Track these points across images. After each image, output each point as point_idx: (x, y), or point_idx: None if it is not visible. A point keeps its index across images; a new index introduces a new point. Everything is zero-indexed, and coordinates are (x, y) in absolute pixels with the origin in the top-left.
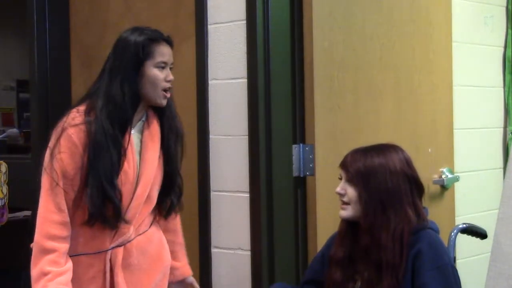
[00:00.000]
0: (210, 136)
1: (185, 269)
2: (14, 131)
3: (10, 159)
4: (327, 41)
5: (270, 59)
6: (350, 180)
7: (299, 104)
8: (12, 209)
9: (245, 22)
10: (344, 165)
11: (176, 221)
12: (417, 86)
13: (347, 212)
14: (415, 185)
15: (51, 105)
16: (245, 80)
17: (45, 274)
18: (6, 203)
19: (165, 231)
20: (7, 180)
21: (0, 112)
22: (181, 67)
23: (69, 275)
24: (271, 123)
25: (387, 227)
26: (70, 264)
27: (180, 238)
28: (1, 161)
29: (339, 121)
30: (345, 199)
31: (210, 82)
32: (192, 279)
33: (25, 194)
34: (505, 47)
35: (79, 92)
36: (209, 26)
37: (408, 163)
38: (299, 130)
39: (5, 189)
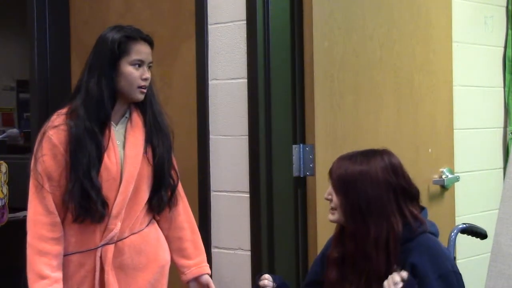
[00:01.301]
0: (210, 136)
1: (199, 268)
2: (14, 131)
3: (10, 159)
4: (327, 41)
5: (270, 59)
6: (333, 187)
7: (299, 104)
8: (12, 209)
9: (245, 22)
10: (330, 171)
11: (179, 218)
12: (417, 86)
13: (334, 217)
14: (402, 192)
15: (51, 105)
16: (245, 80)
17: (43, 277)
18: (6, 203)
19: (169, 228)
20: (7, 180)
21: (0, 112)
22: (181, 67)
23: (61, 285)
24: (271, 123)
25: (367, 235)
26: (60, 273)
27: (188, 235)
28: (1, 161)
29: (339, 121)
30: (332, 204)
31: (210, 82)
32: (206, 279)
33: (25, 194)
34: (505, 47)
35: None
36: (209, 26)
37: (394, 170)
38: (299, 130)
39: (5, 189)
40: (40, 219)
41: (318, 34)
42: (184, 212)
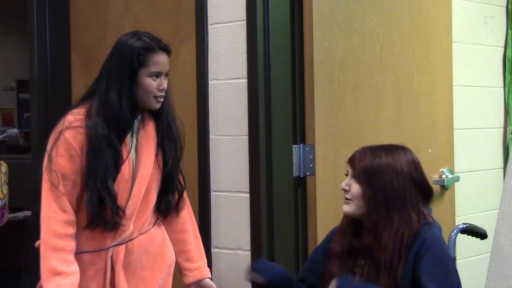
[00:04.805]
0: (210, 136)
1: (201, 272)
2: (14, 131)
3: (10, 159)
4: (327, 41)
5: (270, 59)
6: (356, 177)
7: (299, 104)
8: (12, 209)
9: (245, 22)
10: (351, 161)
11: (184, 221)
12: (417, 86)
13: (349, 208)
14: (420, 189)
15: (51, 105)
16: (245, 80)
17: (56, 273)
18: (6, 203)
19: (175, 231)
20: (7, 180)
21: (0, 112)
22: (181, 67)
23: (78, 276)
24: (271, 123)
25: (390, 227)
26: (77, 266)
27: (192, 238)
28: (1, 161)
29: (339, 121)
30: (348, 196)
31: (210, 82)
32: (208, 282)
33: (25, 194)
34: (505, 47)
35: (79, 92)
36: (209, 26)
37: (415, 166)
38: (299, 130)
39: (5, 189)
40: (54, 216)
41: (318, 34)
42: (188, 215)
